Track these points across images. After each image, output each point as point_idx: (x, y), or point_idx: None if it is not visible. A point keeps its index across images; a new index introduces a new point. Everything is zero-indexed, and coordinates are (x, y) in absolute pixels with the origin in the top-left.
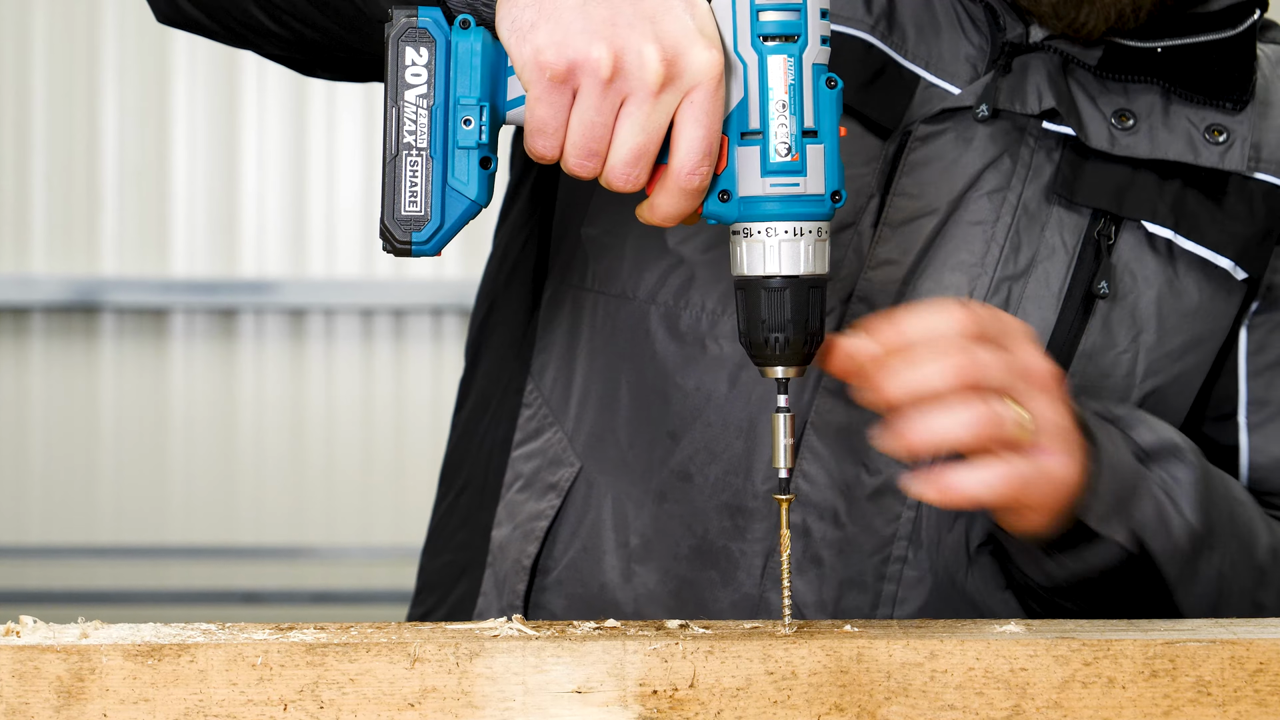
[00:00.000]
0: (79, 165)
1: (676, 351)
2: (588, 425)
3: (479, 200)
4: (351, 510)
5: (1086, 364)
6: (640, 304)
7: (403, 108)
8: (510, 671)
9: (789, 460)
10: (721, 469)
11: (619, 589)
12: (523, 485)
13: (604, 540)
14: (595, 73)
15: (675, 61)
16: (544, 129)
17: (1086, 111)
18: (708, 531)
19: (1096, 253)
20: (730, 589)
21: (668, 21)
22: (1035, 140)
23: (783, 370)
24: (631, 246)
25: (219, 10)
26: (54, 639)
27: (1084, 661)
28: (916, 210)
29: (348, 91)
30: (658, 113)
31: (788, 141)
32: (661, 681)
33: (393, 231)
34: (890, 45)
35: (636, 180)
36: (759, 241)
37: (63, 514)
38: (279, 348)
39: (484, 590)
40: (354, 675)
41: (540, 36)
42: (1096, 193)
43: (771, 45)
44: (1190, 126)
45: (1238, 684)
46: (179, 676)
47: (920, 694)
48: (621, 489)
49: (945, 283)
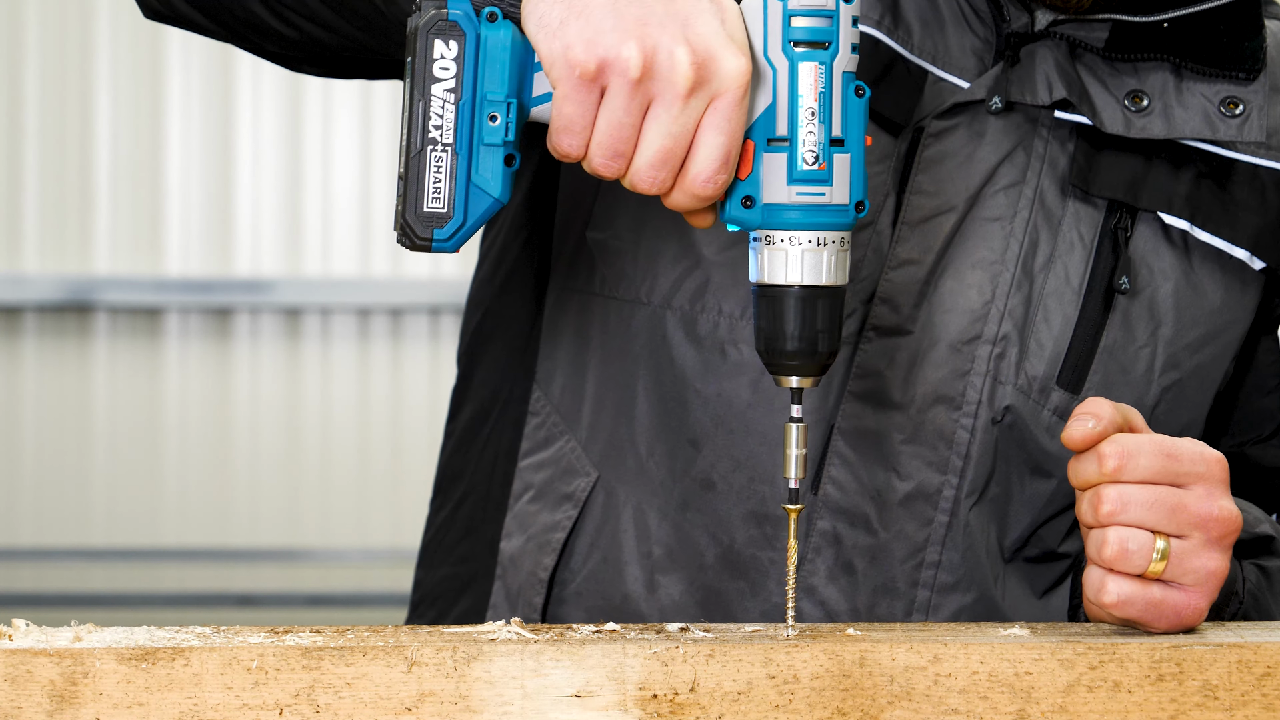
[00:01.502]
0: (72, 162)
1: (695, 357)
2: (603, 434)
3: (501, 198)
4: (348, 512)
5: (1108, 360)
6: (655, 309)
7: (430, 101)
8: (509, 675)
9: (800, 470)
10: (746, 476)
11: (643, 600)
12: (534, 496)
13: (625, 551)
14: (625, 72)
15: (705, 65)
16: (570, 127)
17: (1099, 97)
18: (734, 541)
19: (1114, 246)
20: (760, 599)
21: (699, 24)
22: (1048, 131)
23: (798, 380)
24: (643, 250)
25: (217, 7)
26: (46, 642)
27: (1090, 665)
28: (934, 208)
29: (344, 87)
30: (685, 116)
31: (815, 150)
32: (662, 685)
33: (414, 227)
34: (897, 40)
35: (662, 184)
36: (781, 250)
37: (55, 515)
38: (274, 347)
39: (494, 603)
40: (350, 679)
41: (570, 33)
42: (1112, 184)
43: (802, 51)
44: (1205, 102)
45: (1245, 688)
46: (173, 680)
47: (924, 698)
48: (642, 498)
49: (967, 281)
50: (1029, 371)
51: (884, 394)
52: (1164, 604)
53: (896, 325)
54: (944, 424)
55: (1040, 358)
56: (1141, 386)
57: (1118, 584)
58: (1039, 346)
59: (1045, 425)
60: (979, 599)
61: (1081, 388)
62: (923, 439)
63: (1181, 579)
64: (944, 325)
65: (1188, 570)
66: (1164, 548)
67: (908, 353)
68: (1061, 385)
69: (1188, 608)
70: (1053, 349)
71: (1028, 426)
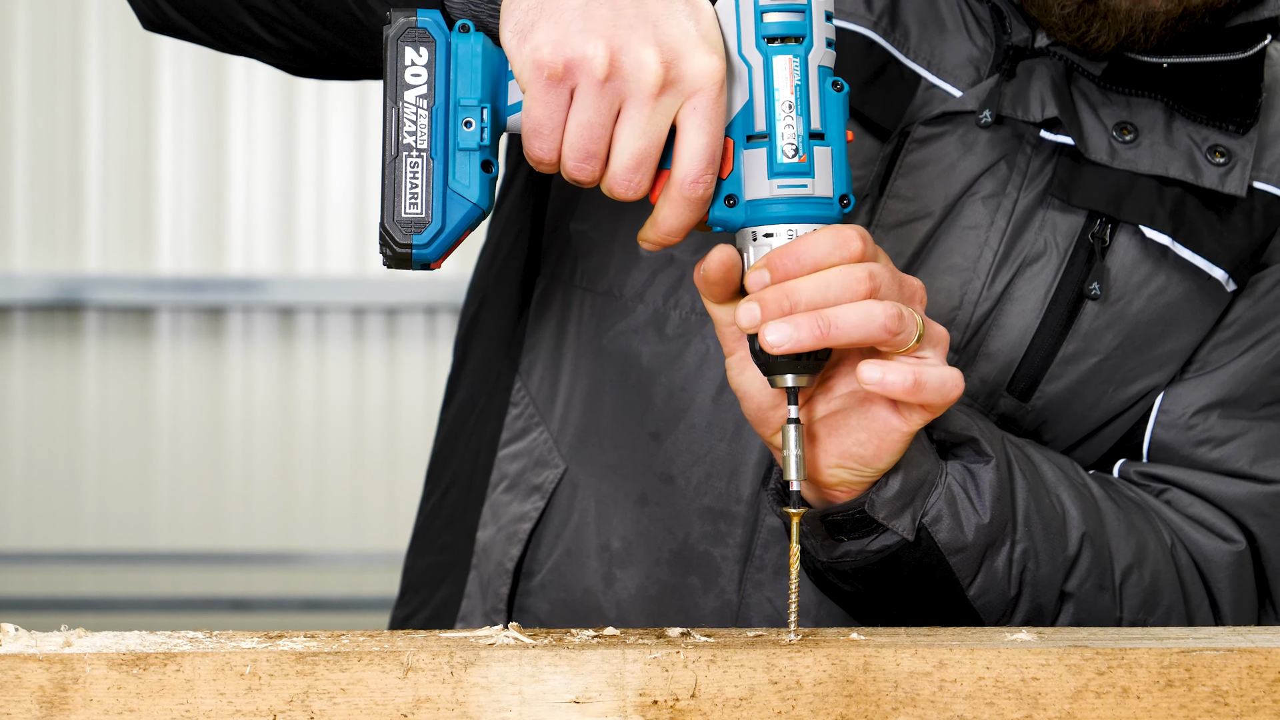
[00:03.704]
0: (61, 158)
1: (662, 351)
2: (573, 426)
3: (480, 204)
4: (342, 515)
5: (1065, 368)
6: (627, 302)
7: (402, 108)
8: (506, 681)
9: (801, 472)
10: (704, 472)
11: (600, 594)
12: (508, 486)
13: (586, 544)
14: (591, 72)
15: (674, 65)
16: (540, 129)
17: (1088, 122)
18: (689, 536)
19: (1089, 255)
20: (712, 595)
21: (670, 25)
22: (1032, 148)
23: (793, 379)
24: (620, 244)
25: (211, 20)
26: (36, 647)
27: (1097, 671)
28: (910, 213)
29: (339, 84)
30: (657, 116)
31: (795, 142)
32: (662, 691)
33: (392, 234)
34: (892, 43)
35: (639, 187)
36: (766, 245)
37: (45, 518)
38: (268, 347)
39: (468, 592)
40: (345, 685)
41: (538, 35)
42: (1094, 195)
43: (775, 46)
44: (1192, 145)
45: (1256, 694)
46: (165, 686)
47: (929, 704)
48: (605, 491)
49: (936, 285)
50: (979, 376)
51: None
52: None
53: None
54: None
55: (992, 364)
56: (1092, 398)
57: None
58: (995, 352)
59: None
60: None
61: (1032, 396)
62: None
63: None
64: None
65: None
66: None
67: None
68: (1011, 392)
69: (949, 374)
70: (1007, 355)
71: None
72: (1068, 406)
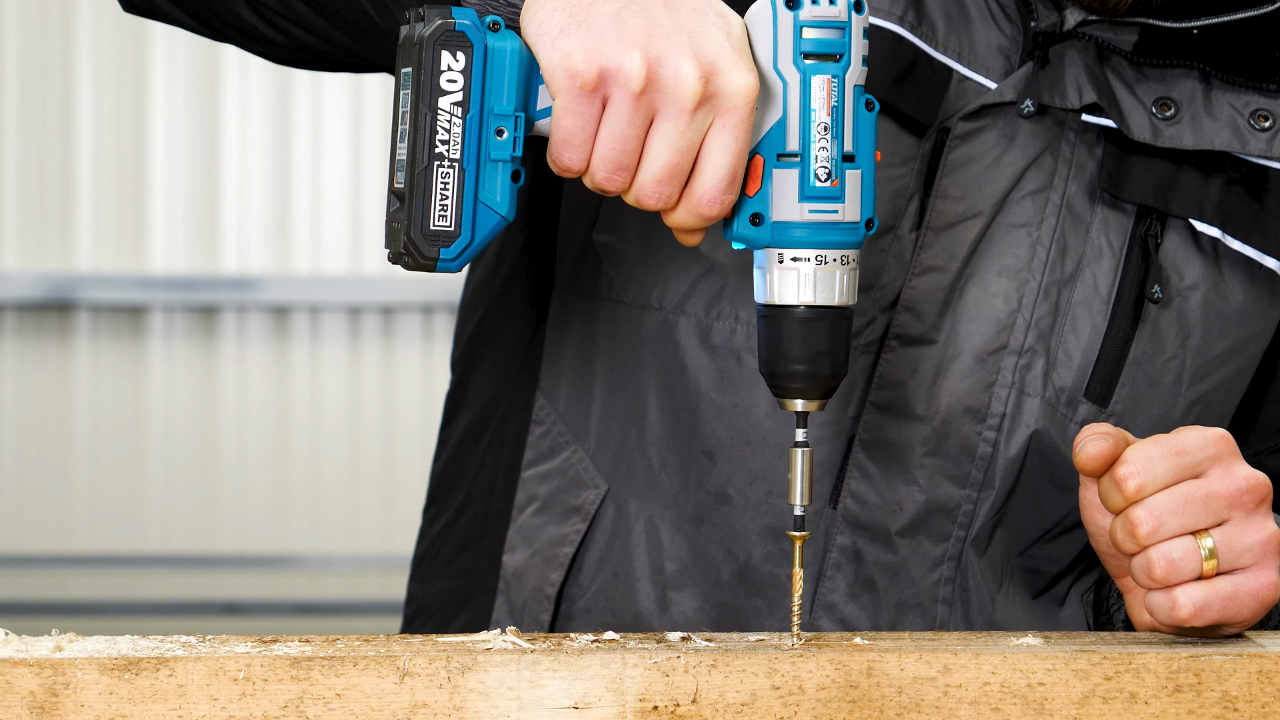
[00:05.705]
0: (52, 155)
1: (710, 366)
2: (613, 444)
3: (508, 216)
4: (338, 517)
5: (1136, 372)
6: (667, 315)
7: (436, 116)
8: (504, 686)
9: (806, 497)
10: (764, 490)
11: (655, 618)
12: (539, 508)
13: (636, 567)
14: (627, 84)
15: (712, 79)
16: (571, 140)
17: (1126, 102)
18: (751, 557)
19: (1144, 254)
20: (778, 617)
21: (705, 38)
22: (1076, 135)
23: (803, 404)
24: (653, 253)
25: (201, 7)
26: (26, 652)
27: (1105, 676)
28: (960, 213)
29: (334, 79)
30: (691, 130)
31: (828, 166)
32: (662, 696)
33: (420, 247)
34: (920, 37)
35: (668, 199)
36: (791, 269)
37: (35, 521)
38: (262, 347)
39: (496, 619)
40: (341, 690)
41: (570, 42)
42: (1142, 189)
43: (813, 65)
44: (1234, 113)
45: (1266, 699)
46: (157, 691)
47: (933, 709)
48: (654, 512)
49: (993, 289)
50: (1056, 383)
51: (906, 405)
52: (1238, 593)
53: (921, 334)
54: (968, 437)
55: (1069, 369)
56: (1169, 399)
57: (1186, 594)
58: (1067, 357)
59: (1071, 439)
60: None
61: (1109, 400)
62: (945, 452)
63: (1240, 561)
64: (969, 335)
65: (1242, 551)
66: (1210, 544)
67: (932, 363)
68: (1089, 398)
69: (1262, 585)
70: (1081, 360)
71: (1053, 440)
72: (1144, 408)
